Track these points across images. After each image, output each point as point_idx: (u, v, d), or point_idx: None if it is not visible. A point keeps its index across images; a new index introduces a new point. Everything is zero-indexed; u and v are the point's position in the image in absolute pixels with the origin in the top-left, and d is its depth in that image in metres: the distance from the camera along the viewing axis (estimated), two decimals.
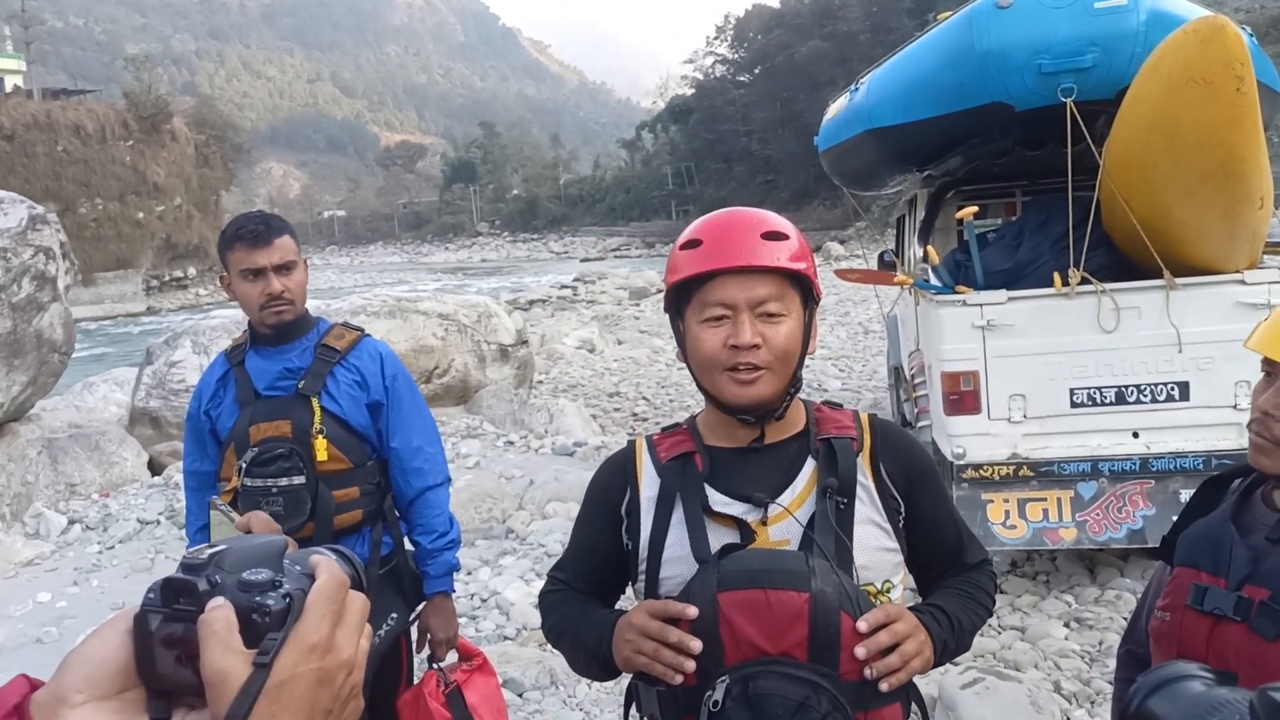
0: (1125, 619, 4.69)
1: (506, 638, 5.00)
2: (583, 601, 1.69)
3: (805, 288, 1.55)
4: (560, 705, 4.23)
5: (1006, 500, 4.86)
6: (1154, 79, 4.27)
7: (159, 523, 7.21)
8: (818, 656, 1.39)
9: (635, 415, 11.41)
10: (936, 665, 1.54)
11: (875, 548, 1.54)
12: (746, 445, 1.58)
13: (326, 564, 0.73)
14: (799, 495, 1.53)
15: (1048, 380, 4.94)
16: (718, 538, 1.51)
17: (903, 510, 1.60)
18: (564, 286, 32.04)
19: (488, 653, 3.52)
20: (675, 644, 1.42)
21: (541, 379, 13.26)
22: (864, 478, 1.57)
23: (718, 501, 1.54)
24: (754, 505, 1.52)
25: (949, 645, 1.56)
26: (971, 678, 3.90)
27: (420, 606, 2.86)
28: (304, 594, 0.70)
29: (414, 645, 2.92)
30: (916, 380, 5.92)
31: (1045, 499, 4.84)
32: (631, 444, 1.71)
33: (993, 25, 4.89)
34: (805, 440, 1.59)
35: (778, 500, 1.52)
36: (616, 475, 1.67)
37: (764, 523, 1.51)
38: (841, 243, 40.22)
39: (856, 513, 1.53)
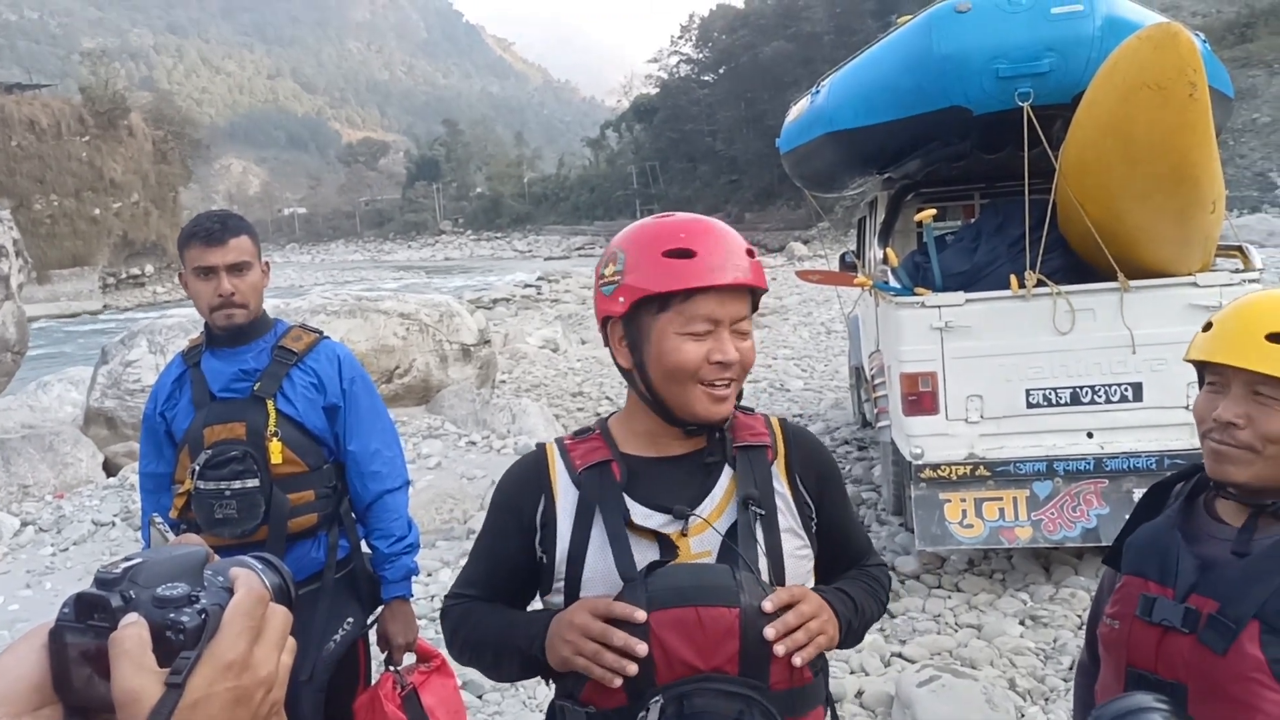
0: (1080, 616, 4.75)
1: None
2: (497, 608, 1.64)
3: (755, 304, 1.58)
4: (520, 707, 4.22)
5: (964, 500, 4.92)
6: (1109, 84, 4.32)
7: (114, 524, 7.11)
8: (748, 670, 1.39)
9: (598, 415, 11.35)
10: (841, 646, 1.58)
11: (791, 553, 1.55)
12: (672, 457, 1.57)
13: (246, 577, 0.71)
14: (718, 505, 1.53)
15: (1004, 381, 4.99)
16: (638, 550, 1.48)
17: (815, 515, 1.62)
18: (527, 285, 31.96)
19: (447, 655, 3.49)
20: (620, 647, 1.38)
21: (504, 379, 13.20)
22: (780, 486, 1.58)
23: (638, 514, 1.51)
24: (675, 517, 1.50)
25: (852, 626, 1.58)
26: (928, 675, 3.94)
27: (378, 610, 2.84)
28: (221, 609, 0.68)
29: (371, 649, 2.89)
30: (877, 381, 5.97)
31: (1001, 498, 4.91)
32: (541, 448, 1.64)
33: (951, 29, 4.94)
34: (720, 447, 1.58)
35: (696, 511, 1.51)
36: (529, 484, 1.61)
37: (684, 534, 1.50)
38: (805, 243, 40.43)
39: (777, 521, 1.55)
